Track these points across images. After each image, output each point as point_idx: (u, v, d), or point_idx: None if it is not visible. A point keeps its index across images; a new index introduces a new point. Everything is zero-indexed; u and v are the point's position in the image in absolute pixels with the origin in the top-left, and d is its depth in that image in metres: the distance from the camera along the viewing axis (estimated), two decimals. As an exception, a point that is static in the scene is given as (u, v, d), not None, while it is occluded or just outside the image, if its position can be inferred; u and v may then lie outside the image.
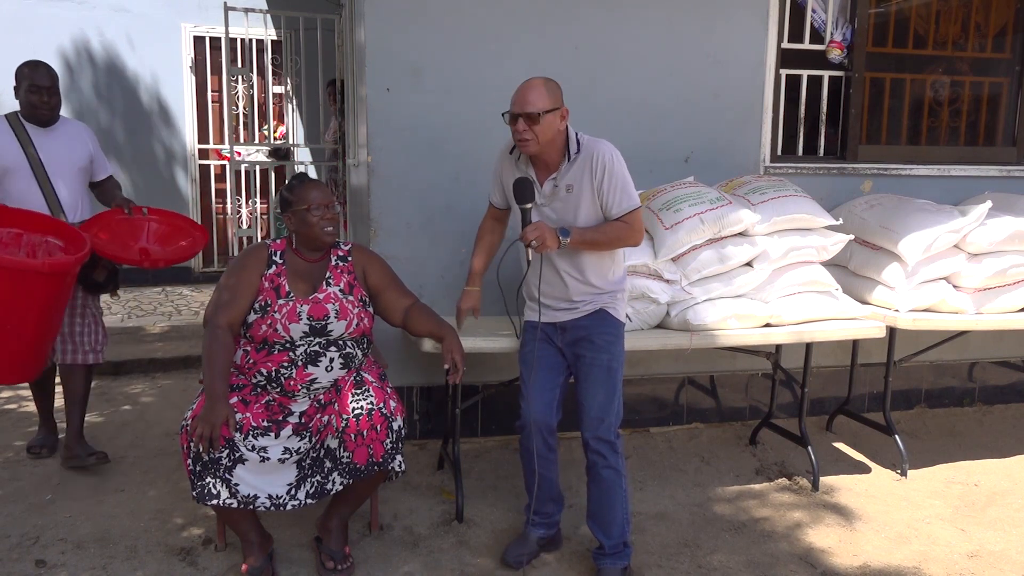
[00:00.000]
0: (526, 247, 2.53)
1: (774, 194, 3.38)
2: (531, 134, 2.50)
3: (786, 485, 3.40)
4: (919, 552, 2.88)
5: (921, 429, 4.10)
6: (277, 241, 2.67)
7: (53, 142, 3.32)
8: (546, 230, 2.50)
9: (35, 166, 3.25)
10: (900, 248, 3.44)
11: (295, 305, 2.53)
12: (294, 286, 2.57)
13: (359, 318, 2.60)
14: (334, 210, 2.61)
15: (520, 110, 2.49)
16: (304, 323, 2.52)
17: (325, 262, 2.65)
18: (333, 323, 2.55)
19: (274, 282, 2.56)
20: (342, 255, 2.69)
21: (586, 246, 2.60)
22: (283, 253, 2.63)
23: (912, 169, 4.16)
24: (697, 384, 4.05)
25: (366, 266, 2.71)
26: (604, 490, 2.61)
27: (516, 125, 2.51)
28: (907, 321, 3.43)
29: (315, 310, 2.54)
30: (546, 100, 2.49)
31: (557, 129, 2.54)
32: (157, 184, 7.23)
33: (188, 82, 7.26)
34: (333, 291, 2.60)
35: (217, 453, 2.39)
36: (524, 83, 2.55)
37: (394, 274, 2.78)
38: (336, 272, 2.64)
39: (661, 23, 3.71)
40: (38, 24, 6.68)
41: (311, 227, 2.56)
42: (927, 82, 4.52)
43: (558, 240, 2.51)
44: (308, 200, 2.56)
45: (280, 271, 2.59)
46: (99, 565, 2.64)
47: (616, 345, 2.67)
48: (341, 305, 2.57)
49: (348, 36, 3.95)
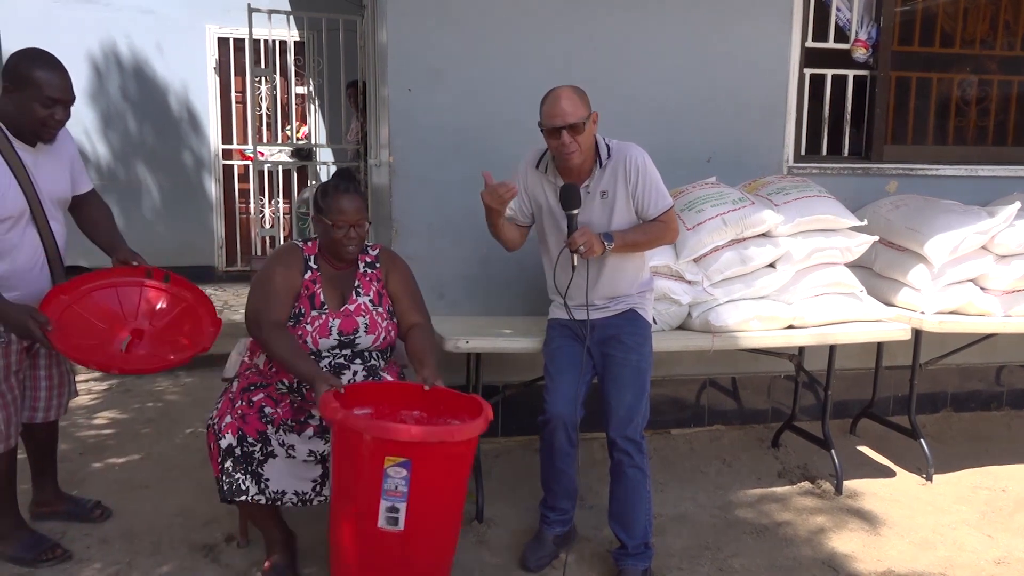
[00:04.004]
0: (572, 252, 2.53)
1: (798, 195, 3.35)
2: (576, 145, 2.51)
3: (809, 489, 3.37)
4: (945, 558, 2.84)
5: (947, 433, 4.04)
6: (308, 244, 2.64)
7: (44, 165, 2.53)
8: (592, 236, 2.51)
9: (35, 208, 2.49)
10: (926, 249, 3.40)
11: (327, 319, 2.52)
12: (327, 295, 2.56)
13: (386, 331, 2.60)
14: (362, 228, 2.54)
15: (563, 122, 2.48)
16: (334, 337, 2.53)
17: (353, 269, 2.64)
18: (361, 336, 2.55)
19: (310, 289, 2.55)
20: (370, 261, 2.67)
21: (628, 248, 2.62)
22: (316, 258, 2.61)
23: (939, 169, 4.11)
24: (719, 386, 4.02)
25: (390, 271, 2.68)
26: (628, 490, 2.62)
27: (561, 138, 2.50)
28: (933, 323, 3.38)
29: (345, 324, 2.53)
30: (582, 108, 2.51)
31: (593, 134, 2.57)
32: (183, 185, 7.31)
33: (212, 83, 7.33)
34: (363, 302, 2.59)
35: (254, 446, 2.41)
36: (553, 94, 2.54)
37: (415, 286, 2.72)
38: (365, 280, 2.63)
39: (683, 22, 3.69)
40: (65, 28, 6.75)
41: (333, 242, 2.54)
42: (954, 81, 4.46)
43: (603, 245, 2.53)
44: (336, 216, 2.50)
45: (315, 277, 2.57)
46: (124, 560, 2.67)
47: (645, 346, 2.70)
48: (371, 318, 2.57)
49: (370, 37, 3.98)
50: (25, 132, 2.46)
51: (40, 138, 2.49)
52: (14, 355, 2.55)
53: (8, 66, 2.42)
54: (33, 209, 2.49)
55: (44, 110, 2.41)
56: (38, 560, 2.61)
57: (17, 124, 2.44)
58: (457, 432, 2.18)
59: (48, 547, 2.65)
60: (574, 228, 2.54)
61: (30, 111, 2.40)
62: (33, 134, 2.47)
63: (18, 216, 2.46)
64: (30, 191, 2.47)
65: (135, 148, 7.17)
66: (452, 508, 2.31)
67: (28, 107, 2.40)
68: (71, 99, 2.48)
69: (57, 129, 2.50)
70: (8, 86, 2.41)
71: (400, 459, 2.11)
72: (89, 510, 2.92)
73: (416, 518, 2.16)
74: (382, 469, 2.11)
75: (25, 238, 2.49)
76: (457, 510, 2.34)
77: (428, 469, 2.15)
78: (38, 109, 2.40)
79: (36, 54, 2.44)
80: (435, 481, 2.18)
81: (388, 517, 2.15)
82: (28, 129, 2.45)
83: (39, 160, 2.52)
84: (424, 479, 2.14)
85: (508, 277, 3.00)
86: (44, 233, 2.54)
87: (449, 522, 2.33)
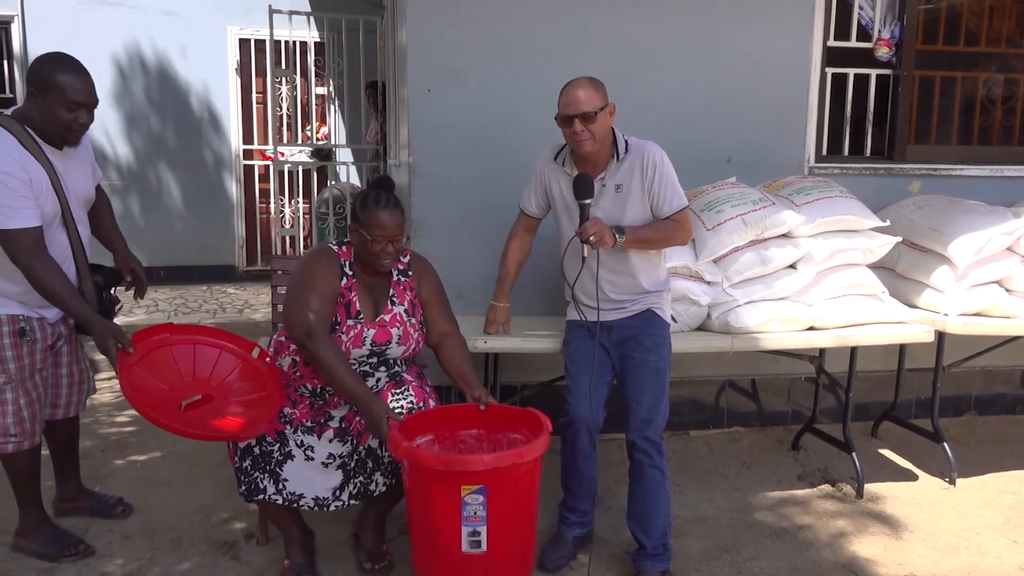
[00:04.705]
0: (583, 243, 2.53)
1: (819, 195, 3.32)
2: (588, 133, 2.52)
3: (829, 492, 3.34)
4: (968, 563, 2.80)
5: (971, 437, 3.99)
6: (342, 249, 2.58)
7: (70, 167, 2.58)
8: (604, 227, 2.52)
9: (65, 210, 2.54)
10: (950, 250, 3.36)
11: (362, 329, 2.51)
12: (363, 304, 2.54)
13: (416, 342, 2.61)
14: (399, 244, 2.50)
15: (575, 111, 2.51)
16: (367, 348, 2.53)
17: (387, 277, 2.61)
18: (393, 348, 2.56)
19: (346, 297, 2.52)
20: (403, 268, 2.65)
21: (639, 244, 2.62)
22: (351, 264, 2.57)
23: (963, 169, 4.06)
24: (738, 387, 4.00)
25: (422, 278, 2.66)
26: (648, 490, 2.61)
27: (572, 126, 2.52)
28: (957, 325, 3.34)
29: (380, 335, 2.53)
30: (597, 98, 2.53)
31: (609, 126, 2.58)
32: (204, 185, 7.39)
33: (233, 84, 7.39)
34: (398, 312, 2.57)
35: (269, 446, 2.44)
36: (570, 85, 2.57)
37: (443, 293, 2.71)
38: (399, 289, 2.61)
39: (702, 21, 3.67)
40: (90, 30, 6.84)
41: (370, 255, 2.49)
42: (979, 80, 4.40)
43: (614, 238, 2.52)
44: (375, 231, 2.44)
45: (351, 285, 2.54)
46: (145, 556, 2.70)
47: (664, 346, 2.70)
48: (404, 330, 2.56)
49: (390, 37, 3.99)
50: (51, 136, 2.48)
51: (66, 142, 2.51)
52: (39, 354, 2.59)
53: (32, 71, 2.45)
54: (64, 211, 2.53)
55: (69, 114, 2.42)
56: (61, 555, 2.65)
57: (43, 128, 2.46)
58: (526, 452, 2.27)
59: (71, 542, 2.69)
60: (585, 218, 2.54)
61: (55, 115, 2.42)
62: (59, 138, 2.49)
63: (52, 218, 2.49)
64: (61, 193, 2.51)
65: (157, 148, 7.25)
66: (527, 522, 2.41)
67: (53, 111, 2.42)
68: (94, 102, 2.49)
69: (82, 133, 2.52)
70: (33, 91, 2.43)
71: (476, 486, 2.20)
72: (111, 507, 2.95)
73: (497, 537, 2.26)
74: (460, 498, 2.21)
75: (56, 239, 2.52)
76: (532, 521, 2.43)
77: (503, 491, 2.25)
78: (63, 113, 2.42)
79: (60, 58, 2.45)
80: (510, 500, 2.28)
81: (471, 541, 2.25)
82: (54, 134, 2.47)
83: (66, 163, 2.55)
84: (500, 501, 2.24)
85: (526, 277, 3.00)
86: (72, 234, 2.58)
87: (527, 535, 2.43)
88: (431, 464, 2.24)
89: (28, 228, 2.39)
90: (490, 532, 2.25)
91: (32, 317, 2.56)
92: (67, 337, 2.74)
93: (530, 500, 2.39)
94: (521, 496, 2.34)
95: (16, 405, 2.55)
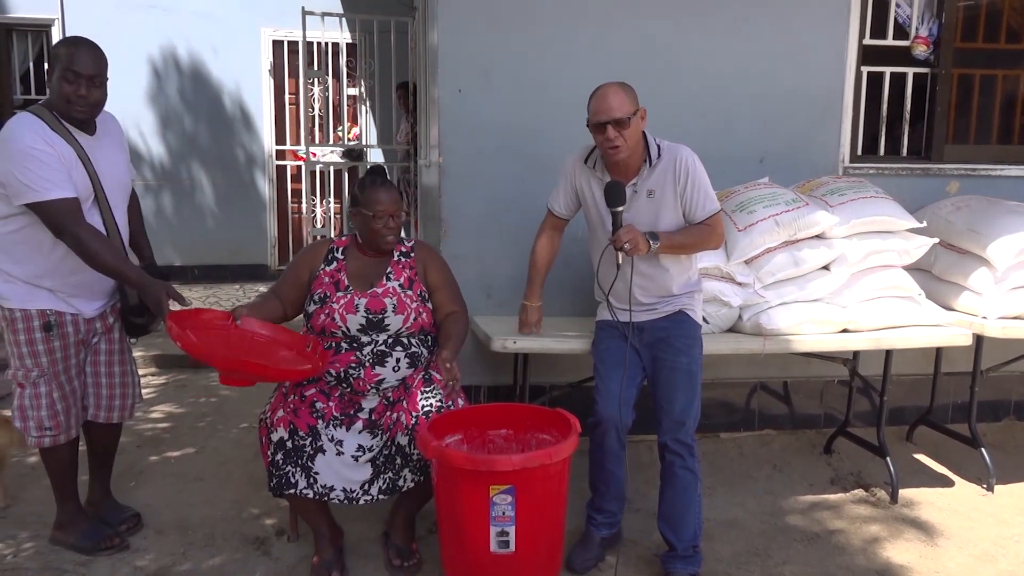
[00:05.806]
0: (617, 250, 2.53)
1: (853, 195, 3.27)
2: (621, 140, 2.52)
3: (863, 497, 3.29)
4: (1006, 572, 2.74)
5: (1009, 443, 3.90)
6: (342, 238, 2.77)
7: (101, 150, 2.59)
8: (638, 234, 2.51)
9: (98, 192, 2.56)
10: (989, 252, 3.29)
11: (352, 297, 2.61)
12: (354, 281, 2.65)
13: (417, 312, 2.64)
14: (399, 219, 2.67)
15: (608, 117, 2.50)
16: (361, 315, 2.58)
17: (387, 258, 2.72)
18: (391, 317, 2.60)
19: (333, 277, 2.65)
20: (405, 251, 2.75)
21: (673, 250, 2.63)
22: (345, 249, 2.72)
23: (1003, 170, 3.98)
24: (769, 389, 3.95)
25: (427, 263, 2.75)
26: (679, 492, 2.60)
27: (606, 133, 2.51)
28: (996, 329, 3.27)
29: (373, 303, 2.60)
30: (628, 103, 2.52)
31: (641, 130, 2.57)
32: (237, 185, 7.49)
33: (266, 85, 7.48)
34: (392, 286, 2.66)
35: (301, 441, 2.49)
36: (600, 90, 2.56)
37: (452, 278, 2.79)
38: (397, 267, 2.70)
39: (736, 20, 3.63)
40: (126, 32, 6.95)
41: (373, 233, 2.65)
42: (1021, 78, 4.31)
43: (648, 244, 2.52)
44: (374, 206, 2.62)
45: (340, 267, 2.68)
46: (178, 551, 2.74)
47: (695, 348, 2.69)
48: (399, 299, 2.62)
49: (421, 39, 4.00)
50: (70, 116, 2.49)
51: (71, 117, 2.49)
52: (72, 347, 2.63)
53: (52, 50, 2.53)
54: (97, 192, 2.56)
55: (68, 86, 2.44)
56: (97, 549, 2.70)
57: (58, 106, 2.48)
58: (554, 453, 2.29)
59: (107, 536, 2.74)
60: (618, 226, 2.54)
61: (58, 88, 2.46)
62: (66, 115, 2.49)
63: (85, 197, 2.51)
64: (92, 172, 2.54)
65: (191, 148, 7.36)
66: (556, 522, 2.43)
67: (58, 85, 2.46)
68: (95, 75, 2.46)
69: (84, 106, 2.48)
70: (50, 71, 2.50)
71: (504, 486, 2.22)
72: (120, 520, 2.84)
73: (525, 537, 2.28)
74: (488, 498, 2.23)
75: (90, 220, 2.52)
76: (560, 522, 2.44)
77: (531, 492, 2.27)
78: (64, 85, 2.44)
79: (69, 37, 2.50)
80: (538, 501, 2.30)
81: (499, 541, 2.27)
82: (59, 110, 2.48)
83: (96, 146, 2.57)
84: (528, 501, 2.26)
85: (556, 277, 3.00)
86: (107, 218, 2.60)
87: (555, 536, 2.44)
88: (460, 464, 2.26)
89: (67, 198, 2.44)
90: (518, 532, 2.26)
91: (64, 312, 2.59)
92: (105, 335, 2.75)
93: (558, 501, 2.40)
94: (549, 497, 2.34)
95: (50, 399, 2.60)
